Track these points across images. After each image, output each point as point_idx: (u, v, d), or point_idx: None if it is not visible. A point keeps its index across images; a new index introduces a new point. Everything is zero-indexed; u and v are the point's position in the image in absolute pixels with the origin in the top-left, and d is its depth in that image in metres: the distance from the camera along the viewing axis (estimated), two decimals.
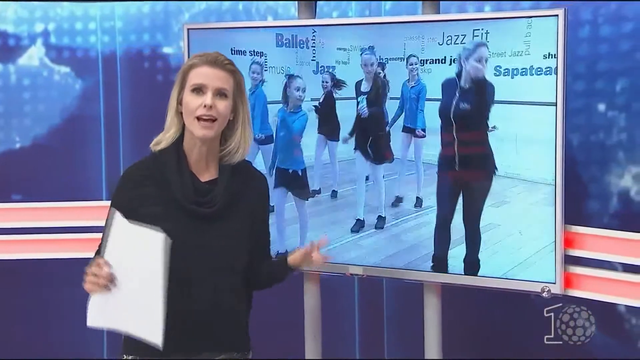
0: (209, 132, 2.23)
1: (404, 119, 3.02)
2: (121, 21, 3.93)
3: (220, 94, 2.24)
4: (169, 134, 2.28)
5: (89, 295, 2.15)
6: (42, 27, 3.91)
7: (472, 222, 2.92)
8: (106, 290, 2.11)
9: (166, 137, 2.28)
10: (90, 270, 2.12)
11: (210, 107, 2.21)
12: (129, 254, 2.09)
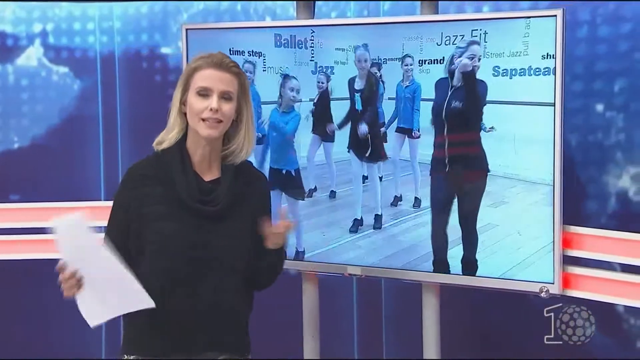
0: (215, 131, 2.24)
1: (398, 119, 3.02)
2: (119, 21, 3.93)
3: (226, 96, 2.25)
4: (172, 134, 2.28)
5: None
6: (40, 28, 3.91)
7: (468, 223, 2.92)
8: (82, 288, 2.15)
9: (169, 137, 2.29)
10: (59, 280, 2.16)
11: (217, 110, 2.22)
12: (75, 250, 2.12)
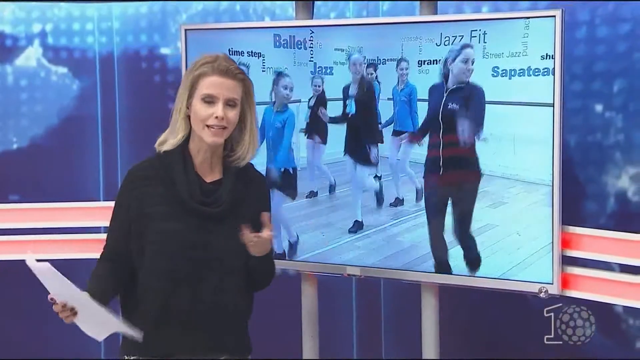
0: (219, 139, 2.26)
1: (394, 122, 3.01)
2: (118, 22, 3.92)
3: (231, 103, 2.25)
4: (176, 139, 2.29)
5: None
6: (39, 28, 3.90)
7: (462, 227, 2.92)
8: (77, 314, 2.16)
9: (172, 141, 2.29)
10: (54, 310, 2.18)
11: (222, 118, 2.22)
12: (57, 288, 2.15)
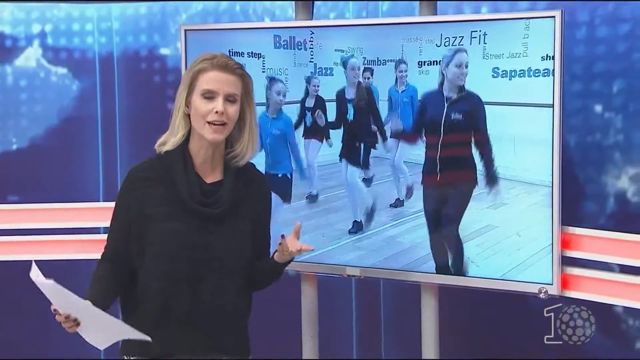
0: (220, 135, 2.25)
1: (393, 123, 3.01)
2: (118, 22, 3.92)
3: (230, 99, 2.25)
4: (176, 137, 2.28)
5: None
6: (39, 28, 3.90)
7: (452, 229, 2.93)
8: (81, 324, 2.15)
9: (173, 140, 2.29)
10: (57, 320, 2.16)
11: (222, 113, 2.22)
12: (61, 301, 2.12)
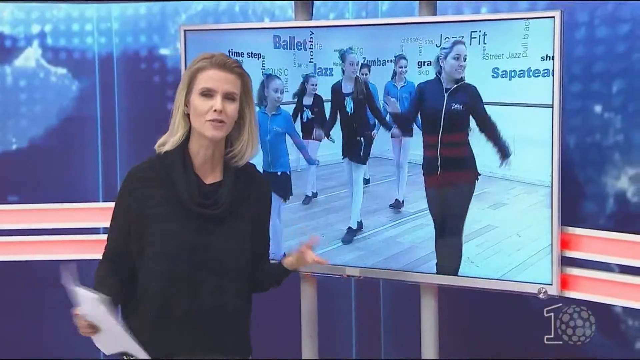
0: (219, 132, 2.24)
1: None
2: (118, 22, 3.92)
3: (229, 97, 2.25)
4: (176, 137, 2.28)
5: None
6: (38, 29, 3.90)
7: (455, 231, 2.92)
8: (98, 333, 2.16)
9: (172, 140, 2.29)
10: (75, 321, 2.16)
11: (220, 111, 2.22)
12: (88, 306, 2.12)
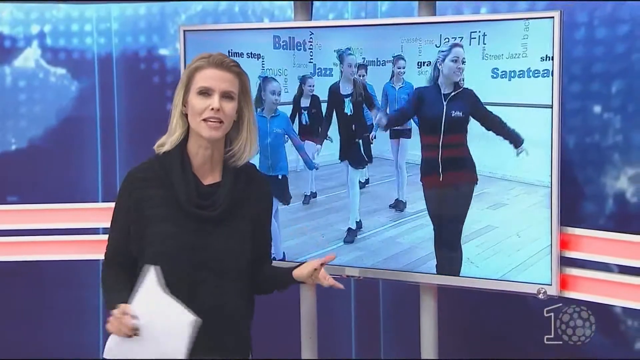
0: (216, 132, 2.24)
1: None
2: (117, 23, 3.92)
3: (227, 96, 2.24)
4: (174, 137, 2.28)
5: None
6: (38, 29, 3.90)
7: (453, 234, 2.92)
8: (132, 336, 2.12)
9: (170, 140, 2.28)
10: (115, 314, 2.12)
11: (218, 110, 2.21)
12: (155, 315, 2.09)
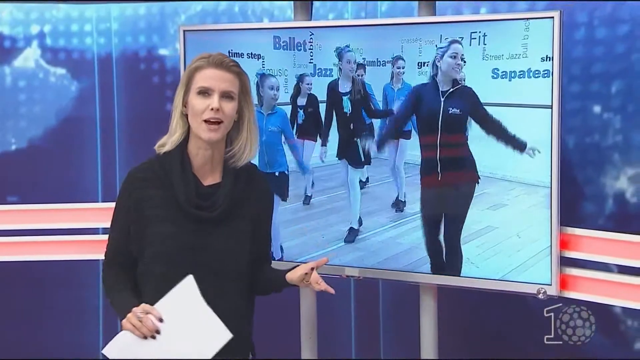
0: (215, 134, 2.23)
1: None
2: (117, 23, 3.92)
3: (227, 96, 2.24)
4: (174, 137, 2.28)
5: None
6: (37, 29, 3.90)
7: (453, 236, 2.92)
8: (142, 337, 2.11)
9: (171, 140, 2.28)
10: (137, 312, 2.12)
11: (217, 109, 2.21)
12: (183, 322, 2.08)
